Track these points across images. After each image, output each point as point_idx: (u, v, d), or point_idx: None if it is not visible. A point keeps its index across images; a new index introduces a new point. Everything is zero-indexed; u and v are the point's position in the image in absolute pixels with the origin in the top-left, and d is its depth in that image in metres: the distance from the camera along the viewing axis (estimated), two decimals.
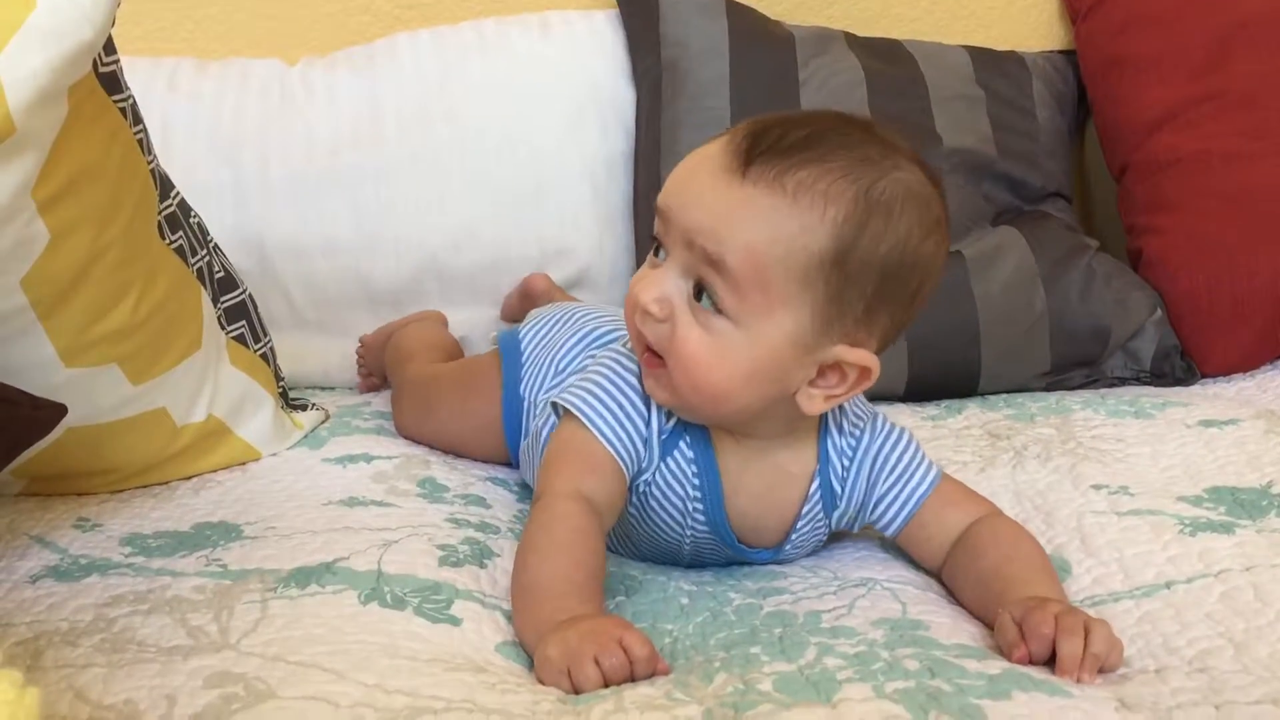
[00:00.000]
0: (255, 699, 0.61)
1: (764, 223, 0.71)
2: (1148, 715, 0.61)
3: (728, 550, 0.85)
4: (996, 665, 0.66)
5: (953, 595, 0.81)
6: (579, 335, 1.01)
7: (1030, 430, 1.13)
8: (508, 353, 1.06)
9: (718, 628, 0.74)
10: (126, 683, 0.64)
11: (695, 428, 0.81)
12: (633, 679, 0.66)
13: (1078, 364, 1.29)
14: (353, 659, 0.66)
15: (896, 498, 0.83)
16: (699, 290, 0.73)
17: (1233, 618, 0.72)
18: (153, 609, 0.73)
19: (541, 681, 0.67)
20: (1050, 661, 0.67)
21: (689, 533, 0.84)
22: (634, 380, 0.81)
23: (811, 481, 0.82)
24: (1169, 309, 1.31)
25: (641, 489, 0.83)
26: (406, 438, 1.13)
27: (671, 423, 0.81)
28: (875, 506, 0.84)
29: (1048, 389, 1.29)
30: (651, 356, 0.77)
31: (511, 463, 1.07)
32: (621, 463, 0.80)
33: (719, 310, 0.73)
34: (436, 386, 1.14)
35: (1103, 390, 1.28)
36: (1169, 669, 0.67)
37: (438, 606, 0.74)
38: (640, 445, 0.81)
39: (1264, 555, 0.79)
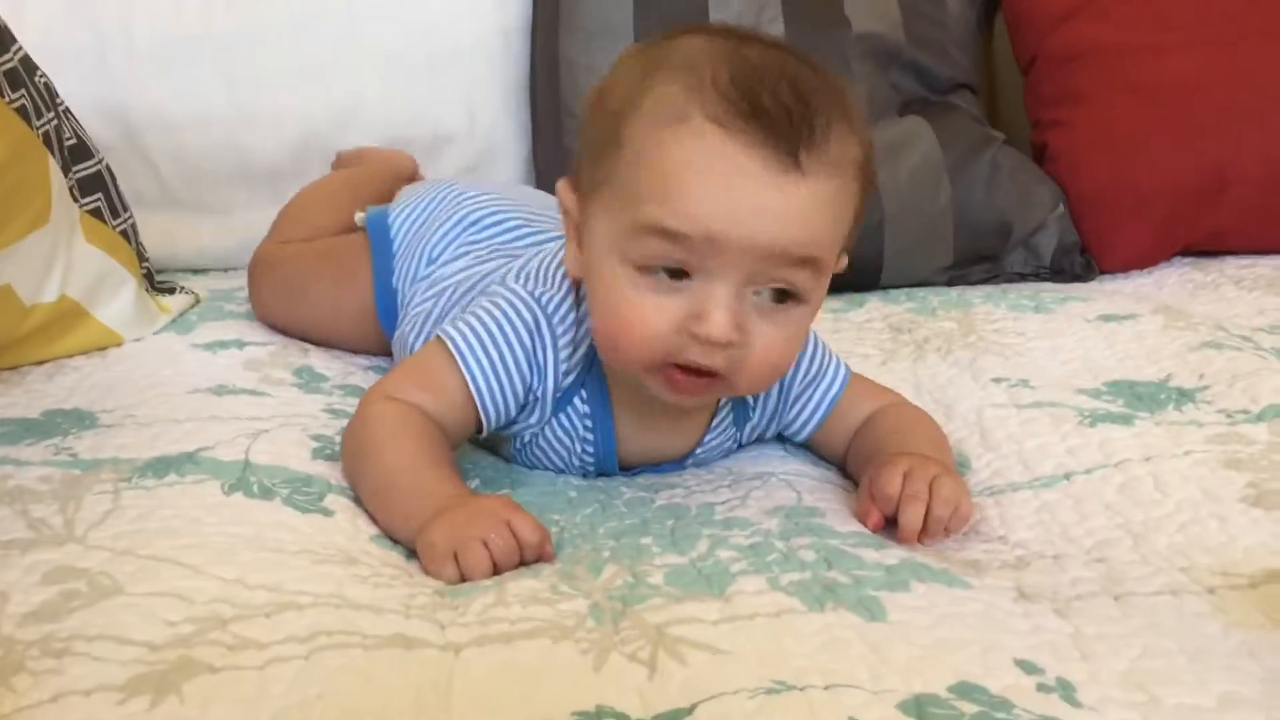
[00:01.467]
0: (99, 595, 0.56)
1: (834, 208, 0.67)
2: (1047, 605, 0.59)
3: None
4: (894, 555, 0.64)
5: (852, 479, 0.79)
6: (455, 220, 0.94)
7: (932, 324, 1.11)
8: (377, 241, 0.99)
9: (607, 518, 0.71)
10: None
11: (593, 381, 0.76)
12: (521, 563, 0.63)
13: (980, 259, 1.28)
14: (212, 552, 0.61)
15: (809, 401, 0.81)
16: (780, 295, 0.67)
17: (1131, 508, 0.71)
18: None
19: (426, 570, 0.63)
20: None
21: (576, 466, 0.80)
22: (526, 335, 0.75)
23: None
24: (1071, 205, 1.29)
25: (527, 438, 0.79)
26: (269, 324, 1.04)
27: (570, 378, 0.76)
28: (789, 411, 0.82)
29: (949, 284, 1.27)
30: (692, 374, 0.68)
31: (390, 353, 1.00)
32: (483, 414, 0.75)
33: (799, 300, 0.68)
34: (302, 271, 1.04)
35: (1003, 285, 1.26)
36: (1067, 557, 0.66)
37: (309, 499, 0.69)
38: (511, 403, 0.75)
39: (1162, 446, 0.78)
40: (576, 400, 0.77)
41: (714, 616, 0.56)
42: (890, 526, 0.69)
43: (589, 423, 0.77)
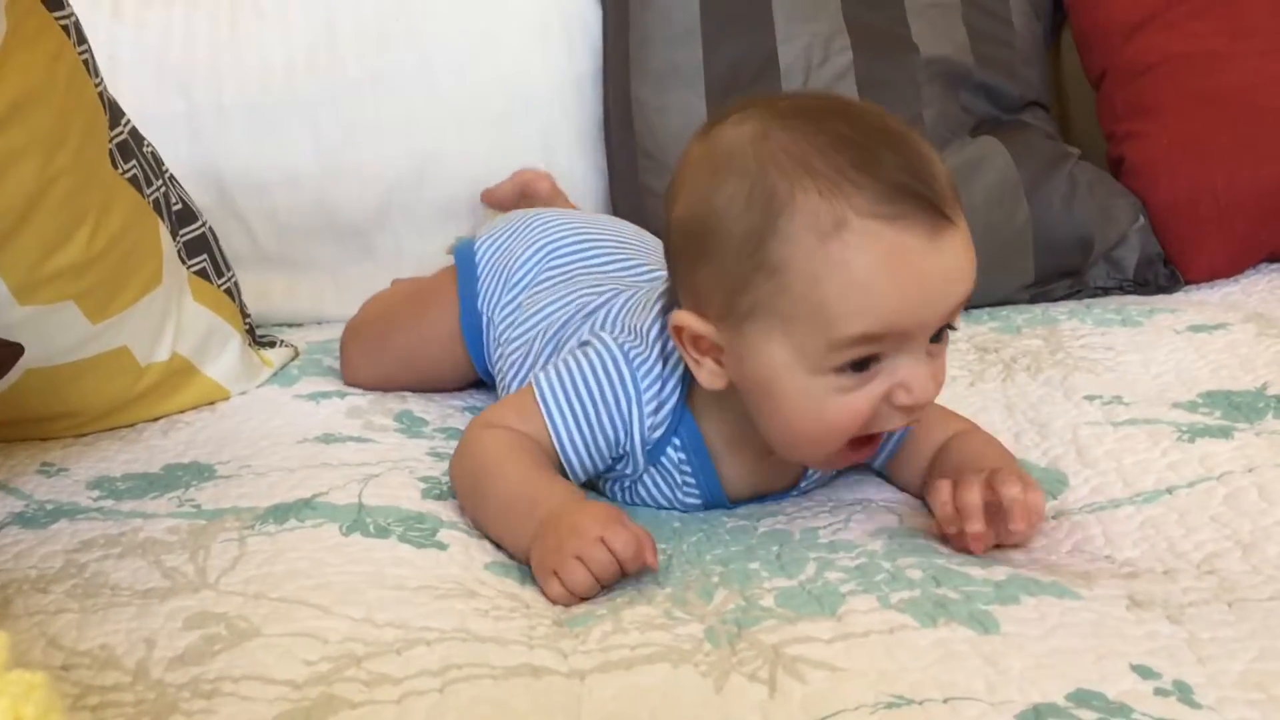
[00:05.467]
0: (238, 638, 0.59)
1: (969, 236, 0.68)
2: (1159, 612, 0.59)
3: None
4: (1002, 571, 0.65)
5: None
6: (537, 245, 0.97)
7: (1018, 342, 1.11)
8: (463, 267, 1.02)
9: (712, 546, 0.72)
10: (102, 627, 0.61)
11: (686, 430, 0.77)
12: (623, 574, 0.66)
13: (1061, 275, 1.27)
14: (338, 591, 0.64)
15: None
16: (938, 333, 0.69)
17: (1238, 519, 0.71)
18: (125, 552, 0.71)
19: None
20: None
21: (682, 506, 0.81)
22: (610, 391, 0.76)
23: None
24: (1151, 216, 1.29)
25: (627, 484, 0.81)
26: (360, 385, 1.05)
27: (659, 432, 0.77)
28: None
29: (1031, 301, 1.27)
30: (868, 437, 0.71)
31: (481, 379, 1.03)
32: (565, 462, 0.77)
33: (953, 326, 0.70)
34: (389, 311, 1.08)
35: (1087, 300, 1.26)
36: (1177, 571, 0.66)
37: (423, 534, 0.72)
38: (594, 456, 0.77)
39: (1265, 456, 0.78)
40: (670, 450, 0.78)
41: (828, 635, 0.58)
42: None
43: (687, 469, 0.79)
